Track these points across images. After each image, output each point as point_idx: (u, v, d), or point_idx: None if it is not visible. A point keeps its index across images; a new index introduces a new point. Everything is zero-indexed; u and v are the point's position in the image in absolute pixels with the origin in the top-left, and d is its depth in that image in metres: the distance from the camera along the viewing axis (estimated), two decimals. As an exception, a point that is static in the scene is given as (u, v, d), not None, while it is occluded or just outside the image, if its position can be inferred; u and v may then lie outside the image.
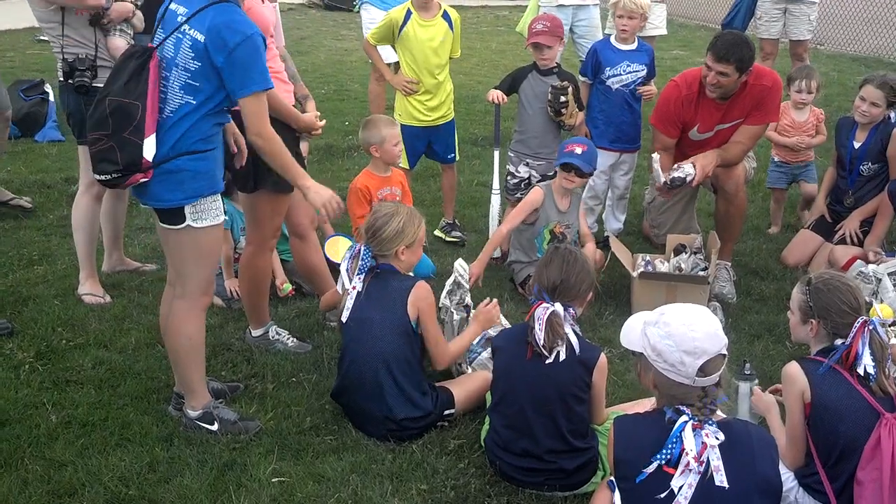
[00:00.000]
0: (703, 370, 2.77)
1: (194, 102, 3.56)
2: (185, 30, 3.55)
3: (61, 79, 5.05)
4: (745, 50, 5.16)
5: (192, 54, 3.53)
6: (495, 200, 6.01)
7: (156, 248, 6.15)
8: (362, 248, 4.06)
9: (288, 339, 4.70)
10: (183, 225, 3.66)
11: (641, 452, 2.76)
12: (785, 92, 5.99)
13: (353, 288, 4.04)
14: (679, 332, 2.78)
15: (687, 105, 5.48)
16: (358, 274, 4.05)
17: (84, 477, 3.62)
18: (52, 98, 8.95)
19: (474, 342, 4.41)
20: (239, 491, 3.54)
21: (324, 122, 4.52)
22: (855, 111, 5.75)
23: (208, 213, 3.68)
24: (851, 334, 3.27)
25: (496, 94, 5.90)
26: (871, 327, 3.25)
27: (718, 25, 8.77)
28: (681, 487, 2.68)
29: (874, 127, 5.67)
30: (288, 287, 5.35)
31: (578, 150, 5.24)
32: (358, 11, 8.55)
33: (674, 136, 5.56)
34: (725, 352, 2.81)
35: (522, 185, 5.92)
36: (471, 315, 4.56)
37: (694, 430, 2.75)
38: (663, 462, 2.74)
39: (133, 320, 5.02)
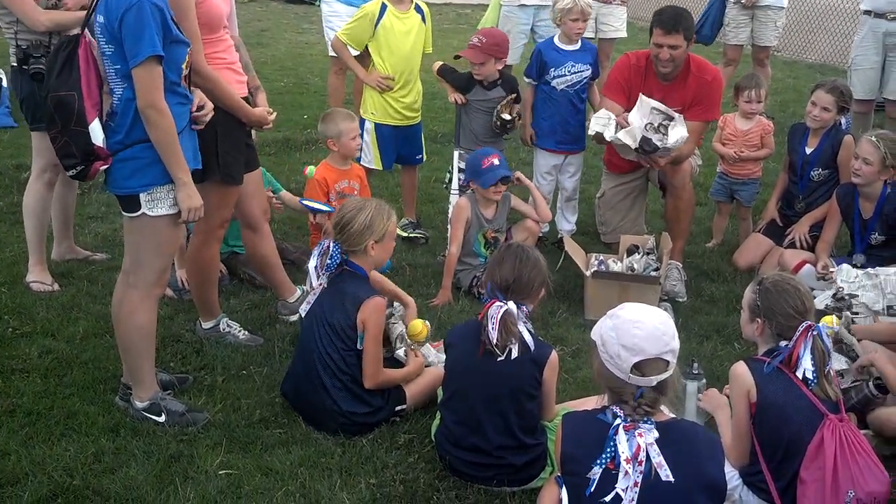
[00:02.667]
0: (639, 368, 2.78)
1: (127, 85, 3.54)
2: (96, 17, 3.55)
3: (14, 64, 4.97)
4: (689, 19, 5.51)
5: (104, 38, 3.52)
6: (453, 200, 5.93)
7: (107, 237, 6.08)
8: (331, 245, 4.03)
9: (239, 331, 4.66)
10: (138, 213, 3.63)
11: (587, 450, 2.78)
12: (731, 101, 6.07)
13: (321, 285, 4.02)
14: (624, 326, 2.81)
15: (635, 74, 5.62)
16: (325, 271, 4.03)
17: (28, 466, 3.56)
18: (4, 84, 8.78)
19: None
20: (186, 483, 3.51)
21: (274, 115, 4.48)
22: (807, 116, 5.83)
23: (164, 202, 3.64)
24: (794, 337, 3.32)
25: (457, 96, 5.91)
26: (814, 332, 3.29)
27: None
28: (626, 489, 2.70)
29: (826, 133, 5.75)
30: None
31: (496, 161, 5.33)
32: (318, 5, 8.48)
33: (621, 103, 5.59)
34: (669, 359, 2.79)
35: None
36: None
37: (626, 431, 2.77)
38: (604, 465, 2.75)
39: (81, 309, 4.94)
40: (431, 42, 6.19)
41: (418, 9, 6.00)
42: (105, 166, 3.58)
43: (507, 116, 5.81)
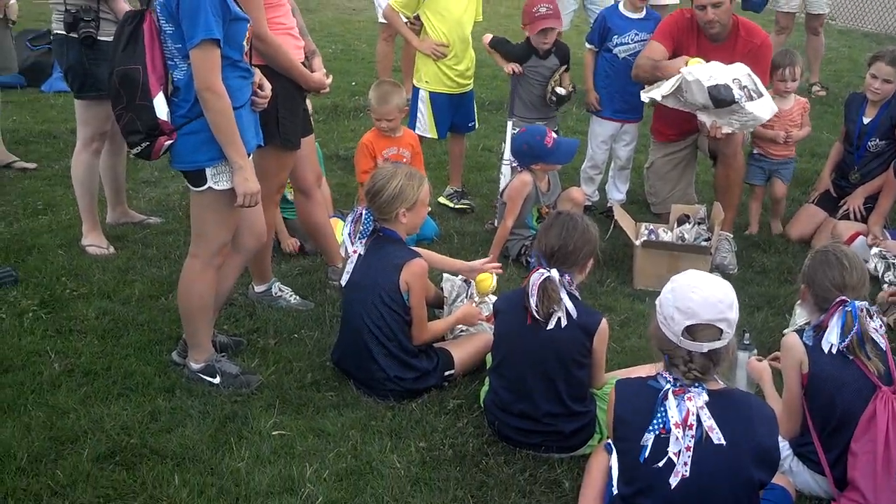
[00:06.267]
0: (690, 332, 2.78)
1: (189, 63, 3.55)
2: None
3: (62, 31, 4.98)
4: None
5: (164, 18, 3.54)
6: (506, 171, 5.90)
7: (161, 201, 6.18)
8: (363, 212, 4.06)
9: (291, 296, 4.73)
10: (204, 187, 3.67)
11: (639, 416, 2.79)
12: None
13: (355, 252, 4.05)
14: (681, 289, 2.82)
15: (688, 31, 5.55)
16: (360, 238, 4.05)
17: (86, 424, 3.65)
18: (59, 48, 8.91)
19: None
20: (240, 442, 3.58)
21: (331, 79, 4.51)
22: (867, 89, 5.70)
23: (230, 176, 3.65)
24: (828, 310, 3.32)
25: (513, 66, 5.88)
26: (847, 308, 3.27)
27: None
28: (679, 453, 2.71)
29: (885, 103, 5.65)
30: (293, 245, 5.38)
31: (555, 135, 5.40)
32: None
33: (667, 47, 5.53)
34: (723, 327, 2.78)
35: None
36: (471, 287, 4.60)
37: (676, 395, 2.78)
38: (656, 432, 2.77)
39: (137, 272, 5.04)
40: (481, 10, 6.15)
41: None
42: (170, 141, 3.60)
43: (562, 91, 5.80)
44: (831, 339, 3.28)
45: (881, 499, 3.13)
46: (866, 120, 5.72)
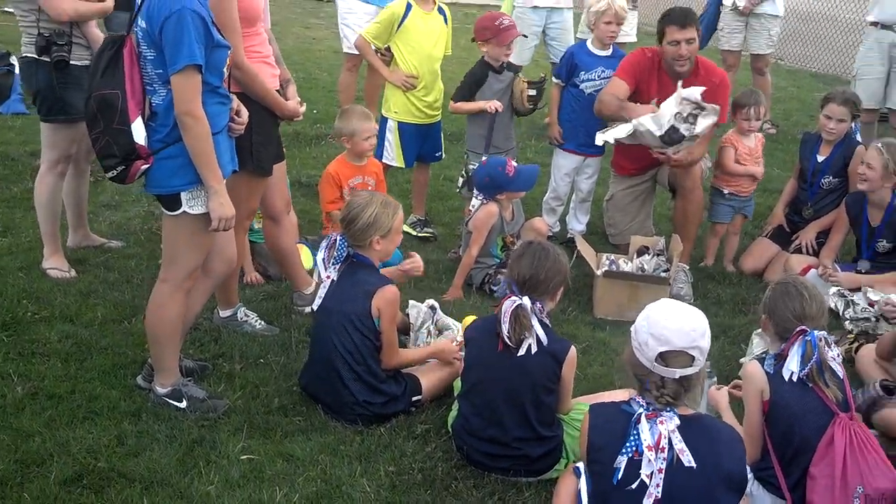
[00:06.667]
0: (664, 358, 2.87)
1: (169, 89, 3.58)
2: (137, 21, 3.59)
3: (33, 55, 4.92)
4: (694, 13, 5.84)
5: (145, 44, 3.57)
6: (475, 203, 5.88)
7: (121, 224, 6.14)
8: (338, 238, 4.11)
9: (256, 321, 4.74)
10: (179, 211, 3.68)
11: (613, 439, 2.87)
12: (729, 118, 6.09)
13: (328, 277, 4.10)
14: (655, 317, 2.91)
15: (648, 68, 5.76)
16: (333, 264, 4.10)
17: (52, 448, 3.63)
18: (17, 70, 8.83)
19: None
20: (209, 467, 3.58)
21: (304, 107, 4.58)
22: (822, 129, 5.89)
23: (206, 200, 3.67)
24: (789, 339, 3.43)
25: (494, 104, 5.83)
26: (807, 338, 3.38)
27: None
28: (651, 475, 2.78)
29: (839, 143, 5.86)
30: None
31: (516, 163, 5.48)
32: (329, 0, 8.53)
33: (629, 84, 5.72)
34: (695, 354, 2.87)
35: None
36: (435, 316, 4.68)
37: (648, 419, 2.86)
38: (630, 455, 2.84)
39: (99, 296, 5.00)
40: (450, 44, 6.26)
41: (441, 10, 6.09)
42: (146, 166, 3.62)
43: (532, 92, 5.86)
44: (791, 366, 3.39)
45: (840, 521, 3.24)
46: (820, 158, 5.91)
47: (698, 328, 2.90)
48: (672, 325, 2.87)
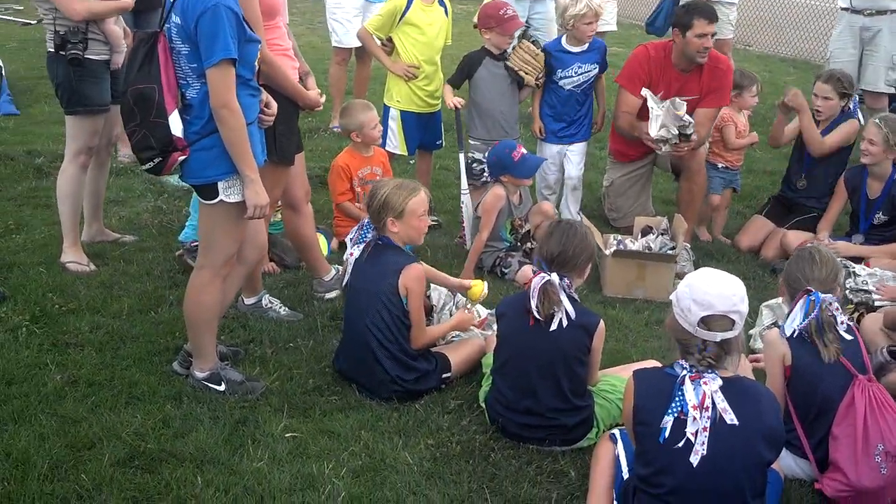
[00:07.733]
0: (706, 323, 3.03)
1: (204, 82, 3.69)
2: (171, 17, 3.70)
3: (51, 50, 5.08)
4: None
5: (179, 39, 3.68)
6: (466, 200, 5.98)
7: (130, 220, 6.22)
8: (366, 221, 4.30)
9: (280, 307, 4.86)
10: (216, 200, 3.80)
11: (658, 401, 3.04)
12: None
13: (351, 255, 4.27)
14: (697, 283, 3.07)
15: (655, 66, 5.91)
16: (357, 243, 4.25)
17: (100, 432, 3.74)
18: (4, 72, 8.87)
19: None
20: (255, 445, 3.71)
21: (324, 98, 4.70)
22: (813, 106, 6.09)
23: (241, 189, 3.78)
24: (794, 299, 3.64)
25: (456, 101, 6.05)
26: (811, 297, 3.57)
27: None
28: (696, 433, 2.95)
29: (834, 120, 6.05)
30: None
31: (524, 151, 5.62)
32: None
33: (636, 93, 5.89)
34: (735, 318, 3.04)
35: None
36: (456, 298, 4.84)
37: (692, 381, 3.03)
38: (675, 415, 3.01)
39: (122, 287, 5.10)
40: (450, 35, 6.39)
41: (441, 2, 6.22)
42: (182, 157, 3.73)
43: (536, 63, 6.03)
44: (794, 324, 3.58)
45: (862, 477, 3.42)
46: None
47: (738, 293, 3.06)
48: (713, 290, 3.03)
